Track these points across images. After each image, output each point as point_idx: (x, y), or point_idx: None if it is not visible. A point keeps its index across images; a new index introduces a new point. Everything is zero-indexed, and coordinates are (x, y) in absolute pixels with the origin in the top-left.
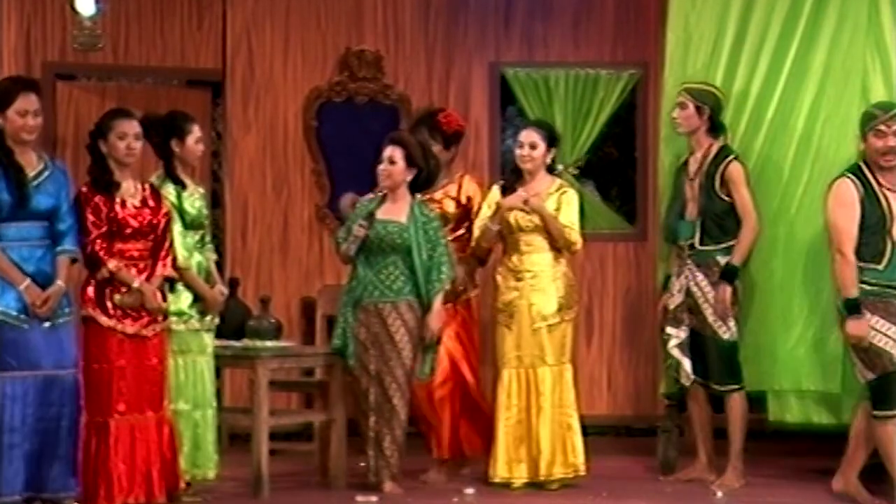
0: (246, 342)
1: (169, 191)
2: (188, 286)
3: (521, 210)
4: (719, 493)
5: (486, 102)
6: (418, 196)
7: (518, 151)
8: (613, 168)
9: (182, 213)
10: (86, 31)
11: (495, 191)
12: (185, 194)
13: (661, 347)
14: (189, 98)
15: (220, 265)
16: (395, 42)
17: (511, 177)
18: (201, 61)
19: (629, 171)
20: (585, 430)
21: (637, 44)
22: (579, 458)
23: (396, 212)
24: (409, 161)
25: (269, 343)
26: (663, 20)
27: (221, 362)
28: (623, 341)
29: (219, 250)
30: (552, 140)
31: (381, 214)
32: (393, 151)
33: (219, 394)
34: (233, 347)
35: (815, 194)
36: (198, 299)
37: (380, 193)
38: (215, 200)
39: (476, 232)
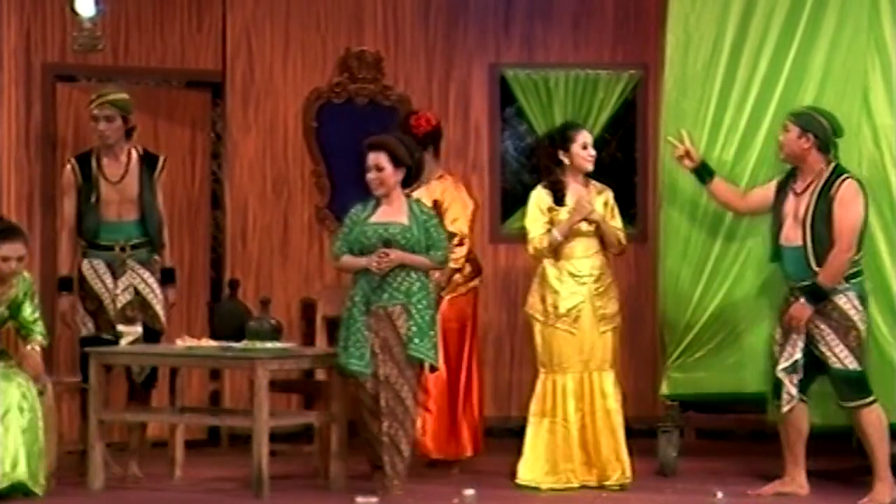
0: (246, 343)
1: None
2: None
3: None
4: (719, 494)
5: (486, 103)
6: (413, 195)
7: (582, 153)
8: (613, 169)
9: None
10: (86, 32)
11: (544, 196)
12: None
13: (660, 350)
14: (189, 99)
15: (219, 266)
16: (395, 43)
17: (556, 180)
18: (201, 62)
19: (630, 173)
20: None
21: (637, 45)
22: (627, 459)
23: (395, 213)
24: (396, 162)
25: (268, 344)
26: (663, 21)
27: (222, 364)
28: (623, 342)
29: (218, 252)
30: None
31: (379, 217)
32: (377, 157)
33: (219, 395)
34: (233, 349)
35: None
36: None
37: (372, 199)
38: (215, 202)
39: (538, 241)
